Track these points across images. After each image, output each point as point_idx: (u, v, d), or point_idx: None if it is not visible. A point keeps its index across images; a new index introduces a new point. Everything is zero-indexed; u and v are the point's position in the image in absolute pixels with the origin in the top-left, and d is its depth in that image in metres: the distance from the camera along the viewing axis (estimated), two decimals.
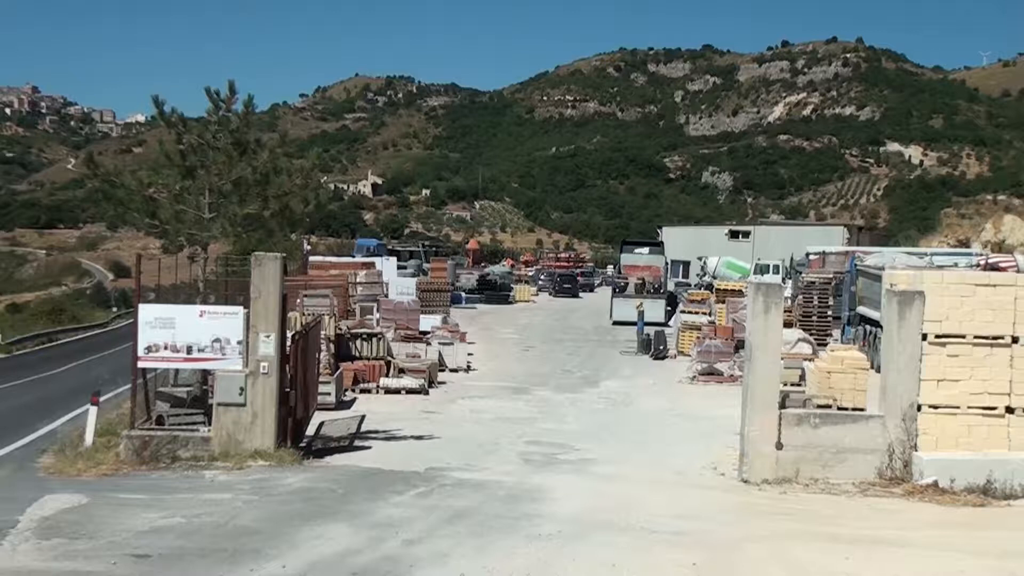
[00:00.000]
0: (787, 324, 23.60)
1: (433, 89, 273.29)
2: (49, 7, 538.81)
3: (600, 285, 74.07)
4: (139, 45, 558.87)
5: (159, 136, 33.69)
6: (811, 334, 32.02)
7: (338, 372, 24.45)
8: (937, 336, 14.30)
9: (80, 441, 17.23)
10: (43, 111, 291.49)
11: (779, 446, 14.47)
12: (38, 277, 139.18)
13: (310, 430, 18.08)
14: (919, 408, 14.28)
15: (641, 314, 39.74)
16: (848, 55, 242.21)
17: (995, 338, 14.24)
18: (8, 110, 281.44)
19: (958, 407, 14.21)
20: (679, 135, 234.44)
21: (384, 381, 25.61)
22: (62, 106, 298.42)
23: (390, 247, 70.30)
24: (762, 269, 52.62)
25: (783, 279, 45.77)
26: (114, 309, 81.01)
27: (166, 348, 15.98)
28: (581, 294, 66.96)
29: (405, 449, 17.57)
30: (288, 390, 16.58)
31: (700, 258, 66.90)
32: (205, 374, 16.95)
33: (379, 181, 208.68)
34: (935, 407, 14.25)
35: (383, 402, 23.61)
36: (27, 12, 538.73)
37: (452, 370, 29.76)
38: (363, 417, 18.66)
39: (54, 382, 33.66)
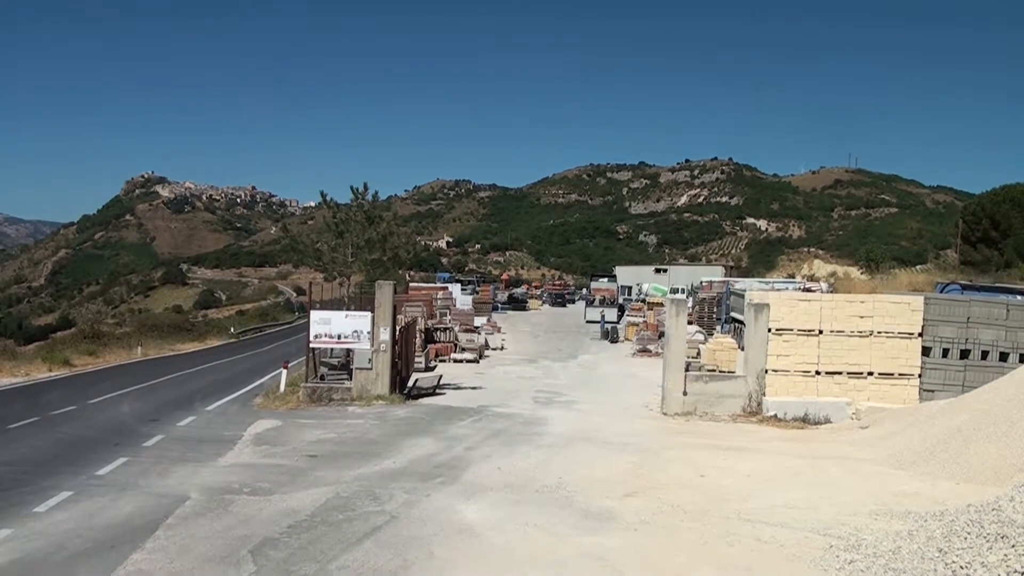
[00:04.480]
0: (689, 323, 23.45)
1: (482, 187, 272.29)
2: (252, 138, 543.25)
3: (579, 300, 73.58)
4: (313, 153, 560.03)
5: (323, 214, 33.95)
6: (704, 328, 31.81)
7: (426, 349, 24.42)
8: (776, 329, 14.20)
9: (277, 389, 17.40)
10: (257, 200, 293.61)
11: (685, 393, 14.37)
12: (253, 295, 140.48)
13: (410, 383, 18.12)
14: (766, 371, 14.15)
15: (603, 316, 39.63)
16: (724, 167, 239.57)
17: (809, 331, 14.14)
18: (239, 199, 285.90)
19: (788, 370, 14.10)
20: (625, 214, 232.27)
21: (453, 355, 25.55)
22: (268, 197, 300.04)
23: (457, 278, 70.15)
24: (675, 291, 51.87)
25: (687, 297, 45.35)
26: (297, 314, 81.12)
27: (326, 336, 16.04)
28: (567, 305, 66.74)
29: (465, 395, 17.52)
30: (397, 360, 16.59)
31: (638, 284, 66.32)
32: (348, 351, 17.00)
33: (450, 240, 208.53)
34: (775, 371, 14.13)
35: (452, 367, 23.53)
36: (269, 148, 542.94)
37: (493, 349, 29.68)
38: (441, 376, 18.67)
39: (262, 355, 33.87)
